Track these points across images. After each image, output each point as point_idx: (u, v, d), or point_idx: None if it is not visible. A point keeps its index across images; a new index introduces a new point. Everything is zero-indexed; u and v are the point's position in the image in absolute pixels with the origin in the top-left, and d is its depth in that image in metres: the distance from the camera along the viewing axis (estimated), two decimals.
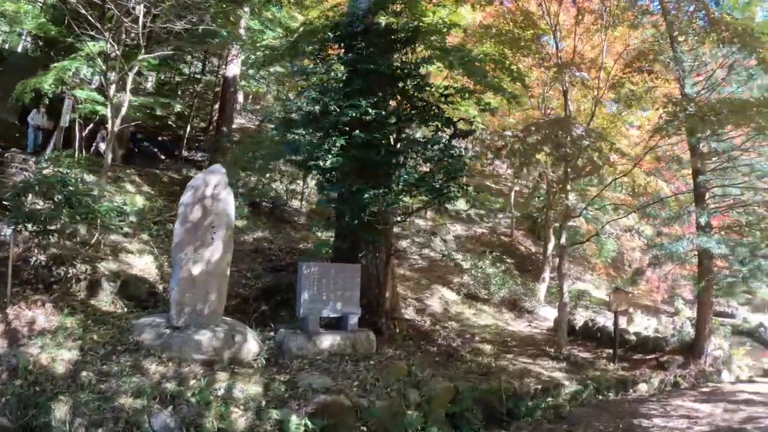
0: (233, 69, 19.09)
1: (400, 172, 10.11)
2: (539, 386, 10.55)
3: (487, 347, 12.62)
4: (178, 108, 18.70)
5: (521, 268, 17.95)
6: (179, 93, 23.02)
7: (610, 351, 12.91)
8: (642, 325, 16.47)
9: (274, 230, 15.76)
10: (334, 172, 10.49)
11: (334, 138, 10.17)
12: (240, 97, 24.22)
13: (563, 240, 12.60)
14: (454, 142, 11.09)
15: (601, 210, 16.55)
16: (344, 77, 11.16)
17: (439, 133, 11.08)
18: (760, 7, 17.41)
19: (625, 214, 15.78)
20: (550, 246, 17.01)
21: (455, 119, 11.22)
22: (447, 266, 16.71)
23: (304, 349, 9.51)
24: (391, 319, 11.57)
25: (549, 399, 10.35)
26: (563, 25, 14.53)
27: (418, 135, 13.86)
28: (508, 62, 12.10)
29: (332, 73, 11.12)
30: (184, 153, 20.77)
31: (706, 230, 12.11)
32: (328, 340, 9.83)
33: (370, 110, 10.05)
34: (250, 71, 19.43)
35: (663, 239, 14.25)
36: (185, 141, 21.09)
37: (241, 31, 17.46)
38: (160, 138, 22.07)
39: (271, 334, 9.84)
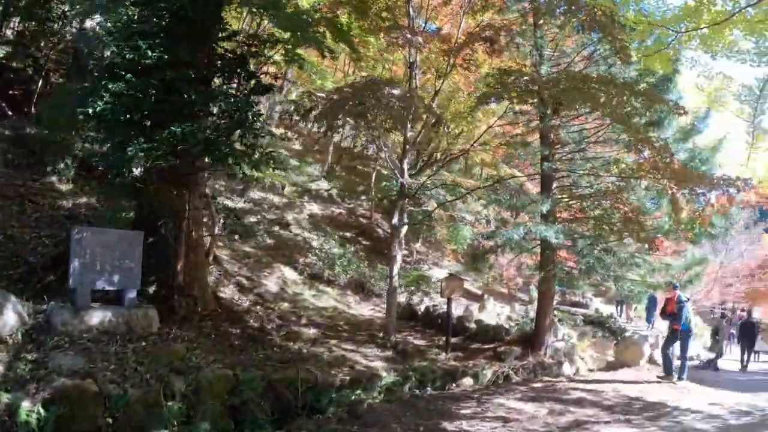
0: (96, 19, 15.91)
1: (173, 126, 7.82)
2: (350, 377, 8.73)
3: (311, 331, 10.65)
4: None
5: (377, 251, 16.01)
6: (41, 43, 19.61)
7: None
8: (494, 312, 14.97)
9: (103, 196, 13.06)
10: (105, 122, 8.32)
11: (104, 82, 8.03)
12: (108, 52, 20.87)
13: (395, 220, 10.66)
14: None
15: (453, 194, 14.66)
16: (135, 17, 8.90)
17: (241, 87, 8.91)
18: None
19: (458, 197, 13.97)
20: (403, 229, 15.06)
21: (261, 73, 9.04)
22: (297, 245, 14.57)
23: (70, 326, 7.58)
24: (186, 296, 9.37)
25: (359, 392, 8.57)
26: (430, 6, 12.58)
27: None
28: (337, 22, 9.95)
29: (124, 13, 8.81)
30: (34, 110, 17.46)
31: (548, 219, 10.46)
32: (98, 317, 7.87)
33: (150, 53, 7.96)
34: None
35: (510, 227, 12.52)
36: (36, 96, 17.80)
37: None
38: (10, 92, 18.62)
39: (44, 307, 7.90)
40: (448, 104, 13.12)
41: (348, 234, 16.32)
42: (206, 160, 8.30)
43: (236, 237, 13.84)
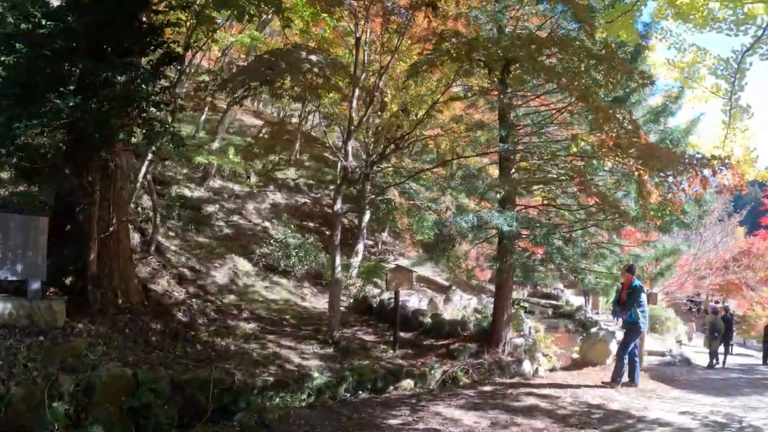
0: None
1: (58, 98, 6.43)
2: (275, 378, 7.45)
3: (250, 326, 9.26)
4: None
5: (341, 242, 14.36)
6: None
7: (402, 334, 9.66)
8: (460, 304, 13.54)
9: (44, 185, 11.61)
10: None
11: None
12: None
13: (337, 207, 9.14)
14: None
15: (417, 182, 13.06)
16: None
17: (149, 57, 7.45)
18: None
19: (402, 180, 12.38)
20: (366, 218, 13.56)
21: (171, 42, 7.53)
22: (255, 235, 13.05)
23: None
24: (104, 288, 7.97)
25: (283, 394, 7.24)
26: None
27: None
28: None
29: None
30: None
31: (505, 206, 8.94)
32: None
33: (44, 21, 6.71)
34: None
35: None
36: None
37: None
38: None
39: None
40: (408, 88, 11.56)
41: (311, 224, 14.82)
42: (96, 135, 6.73)
43: (190, 226, 12.31)
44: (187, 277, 10.43)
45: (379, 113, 14.04)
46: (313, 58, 6.99)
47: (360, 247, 13.47)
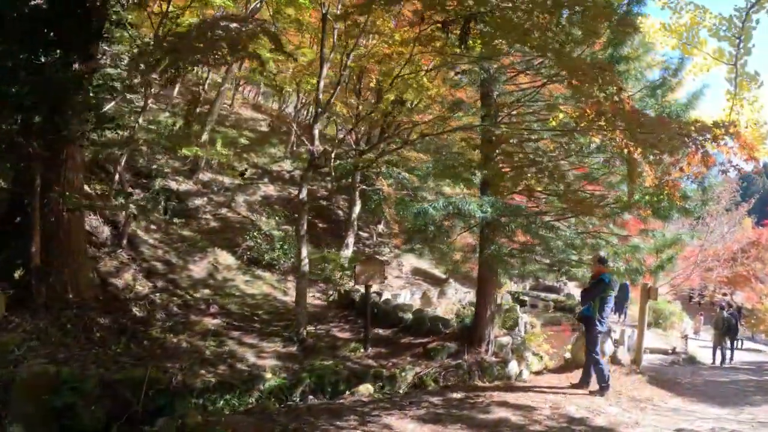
0: None
1: None
2: (220, 378, 6.39)
3: (214, 321, 8.23)
4: None
5: (334, 234, 13.35)
6: None
7: (380, 331, 8.51)
8: (455, 298, 12.32)
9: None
10: None
11: None
12: None
13: (303, 194, 8.01)
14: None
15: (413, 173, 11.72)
16: None
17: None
18: None
19: (371, 162, 11.06)
20: (356, 209, 12.38)
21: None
22: (243, 228, 11.99)
23: None
24: (51, 281, 7.13)
25: (229, 397, 6.32)
26: None
27: None
28: None
29: None
30: None
31: (486, 191, 7.68)
32: None
33: None
34: None
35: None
36: None
37: None
38: None
39: None
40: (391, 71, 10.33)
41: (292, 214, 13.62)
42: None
43: (175, 219, 11.33)
44: (157, 271, 9.48)
45: (374, 103, 12.88)
46: (233, 25, 5.87)
47: (350, 239, 12.34)
